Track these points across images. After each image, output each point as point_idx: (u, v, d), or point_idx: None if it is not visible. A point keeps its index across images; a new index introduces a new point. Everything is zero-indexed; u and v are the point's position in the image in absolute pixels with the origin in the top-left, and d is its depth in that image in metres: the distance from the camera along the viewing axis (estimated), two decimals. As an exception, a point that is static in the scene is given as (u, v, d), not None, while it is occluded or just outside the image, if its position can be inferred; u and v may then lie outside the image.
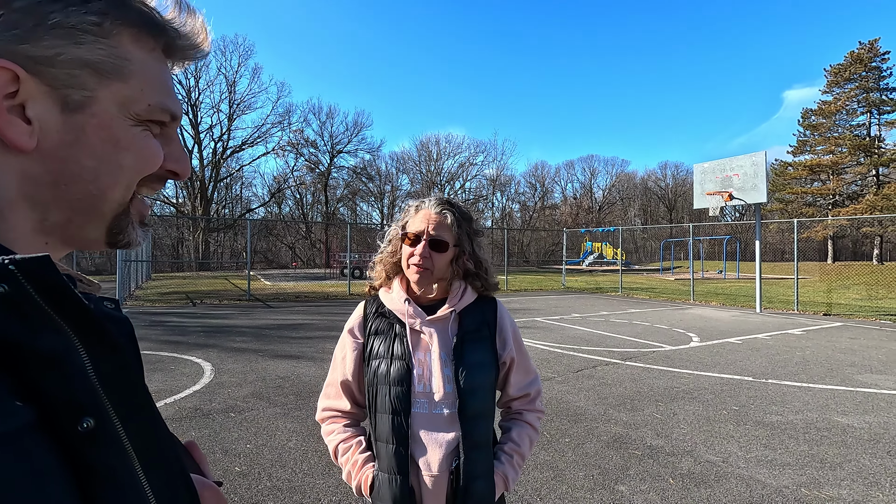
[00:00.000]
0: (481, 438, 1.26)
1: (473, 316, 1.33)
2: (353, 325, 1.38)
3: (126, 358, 0.40)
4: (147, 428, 0.41)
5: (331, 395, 1.37)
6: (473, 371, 1.26)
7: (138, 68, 0.44)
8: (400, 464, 1.21)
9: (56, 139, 0.41)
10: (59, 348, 0.35)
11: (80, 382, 0.36)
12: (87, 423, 0.36)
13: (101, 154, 0.43)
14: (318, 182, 44.89)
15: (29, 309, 0.34)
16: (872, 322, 10.73)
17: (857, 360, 6.67)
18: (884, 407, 4.68)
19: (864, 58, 40.10)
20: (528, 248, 51.57)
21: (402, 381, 1.24)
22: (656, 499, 2.93)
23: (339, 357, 1.37)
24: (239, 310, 11.86)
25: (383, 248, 1.38)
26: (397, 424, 1.22)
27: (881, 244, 38.11)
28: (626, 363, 6.43)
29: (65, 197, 0.43)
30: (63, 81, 0.41)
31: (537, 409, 1.41)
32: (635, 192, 64.00)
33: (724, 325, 9.95)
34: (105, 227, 0.46)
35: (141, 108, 0.45)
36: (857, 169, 39.77)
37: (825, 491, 3.05)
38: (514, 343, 1.37)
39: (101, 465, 0.36)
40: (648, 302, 15.03)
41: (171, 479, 0.42)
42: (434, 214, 1.30)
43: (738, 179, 12.68)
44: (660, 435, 3.94)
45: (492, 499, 1.25)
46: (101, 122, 0.43)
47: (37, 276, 0.34)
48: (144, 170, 0.46)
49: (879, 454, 3.59)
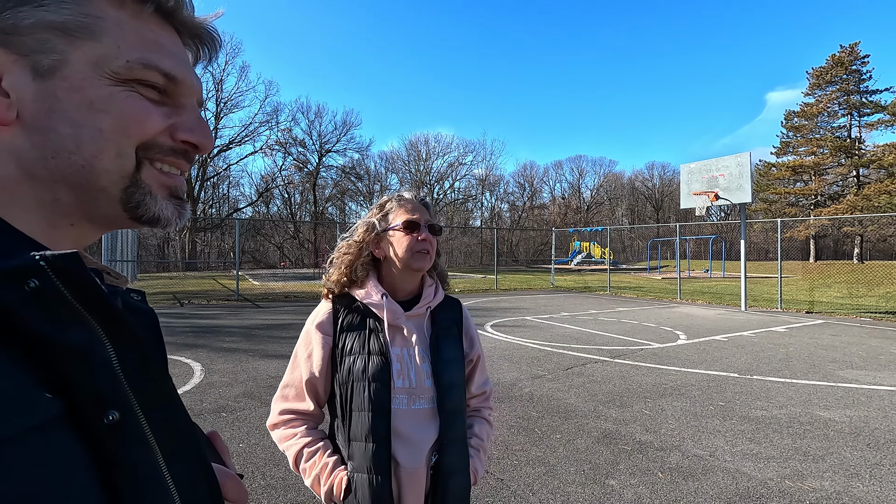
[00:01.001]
0: (458, 433, 1.27)
1: (445, 314, 1.36)
2: (321, 319, 1.32)
3: (149, 351, 0.40)
4: (170, 421, 0.41)
5: (290, 396, 1.31)
6: (450, 367, 1.28)
7: (113, 25, 0.42)
8: (380, 462, 1.18)
9: (32, 109, 0.39)
10: (85, 342, 0.36)
11: (106, 376, 0.36)
12: (113, 416, 0.36)
13: (76, 119, 0.40)
14: (307, 181, 44.57)
15: (57, 304, 0.35)
16: (853, 319, 10.98)
17: (838, 357, 6.83)
18: (864, 401, 4.80)
19: (844, 61, 40.91)
20: (518, 247, 51.78)
21: (381, 376, 1.21)
22: (646, 492, 2.99)
23: (303, 355, 1.31)
24: (227, 310, 11.76)
25: (347, 246, 1.34)
26: (376, 422, 1.19)
27: (861, 243, 38.91)
28: (614, 361, 6.51)
29: (58, 172, 0.41)
30: (32, 47, 0.39)
31: (491, 406, 1.48)
32: (623, 192, 64.56)
33: (711, 323, 10.11)
34: (118, 202, 0.44)
35: (118, 64, 0.42)
36: (839, 170, 40.56)
37: (808, 483, 3.13)
38: (478, 343, 1.45)
39: (125, 458, 0.37)
40: (636, 301, 15.20)
41: (194, 471, 0.43)
42: (419, 204, 1.34)
43: (723, 180, 12.86)
44: (648, 430, 4.01)
45: (468, 492, 1.27)
46: (72, 85, 0.40)
47: (66, 272, 0.35)
48: (132, 132, 0.43)
49: (860, 447, 3.70)
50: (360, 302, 1.30)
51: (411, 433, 1.21)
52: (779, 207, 42.27)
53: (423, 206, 1.34)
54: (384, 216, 1.33)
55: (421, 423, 1.23)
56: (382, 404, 1.20)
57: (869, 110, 40.15)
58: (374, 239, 1.32)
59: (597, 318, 10.80)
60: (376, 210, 1.35)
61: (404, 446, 1.20)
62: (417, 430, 1.22)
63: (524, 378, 5.59)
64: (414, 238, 1.28)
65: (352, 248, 1.33)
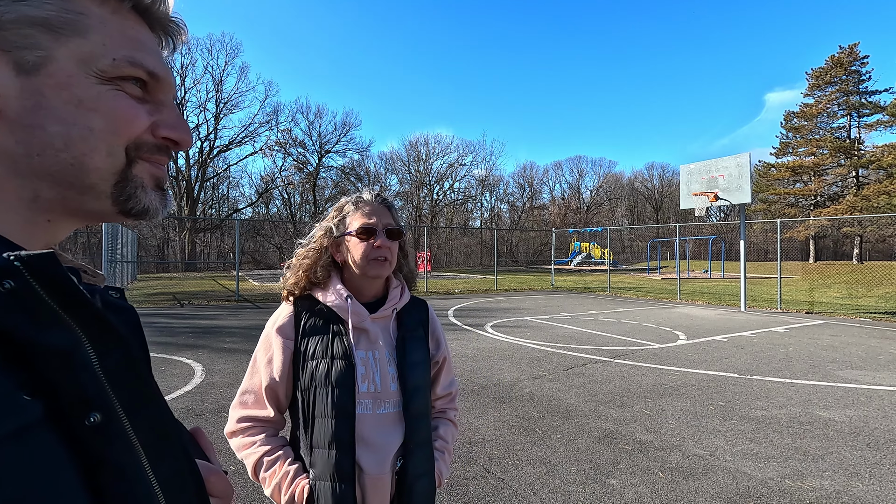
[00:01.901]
0: (423, 437, 1.25)
1: (411, 316, 1.33)
2: (281, 323, 1.26)
3: (131, 351, 0.40)
4: (153, 421, 0.41)
5: (249, 403, 1.25)
6: (416, 369, 1.25)
7: (97, 22, 0.42)
8: (343, 469, 1.14)
9: (16, 106, 0.39)
10: (65, 343, 0.35)
11: (87, 377, 0.36)
12: (95, 418, 0.36)
13: (64, 117, 0.40)
14: (307, 182, 44.60)
15: (34, 305, 0.34)
16: (852, 320, 10.99)
17: (838, 357, 6.84)
18: (863, 401, 4.82)
19: (844, 62, 40.95)
20: (517, 248, 51.82)
21: (344, 381, 1.17)
22: (646, 492, 3.00)
23: (263, 360, 1.25)
24: (227, 310, 11.78)
25: (306, 250, 1.30)
26: (340, 428, 1.15)
27: (861, 244, 38.93)
28: (615, 361, 6.52)
29: (43, 169, 0.40)
30: (14, 43, 0.38)
31: (456, 407, 1.45)
32: (622, 193, 64.59)
33: (710, 324, 10.12)
34: (107, 197, 0.43)
35: (105, 63, 0.41)
36: (838, 170, 40.58)
37: (808, 482, 3.14)
38: (445, 344, 1.42)
39: (109, 460, 0.36)
40: (636, 301, 15.21)
41: (178, 470, 0.43)
42: (378, 206, 1.29)
43: (723, 180, 12.88)
44: (649, 430, 4.02)
45: (433, 495, 1.25)
46: (59, 83, 0.40)
47: (42, 272, 0.34)
48: (122, 132, 0.43)
49: (859, 446, 3.71)
50: (323, 304, 1.26)
51: (376, 438, 1.18)
52: (778, 208, 42.29)
53: (385, 207, 1.30)
54: (342, 220, 1.28)
55: (386, 428, 1.20)
56: (346, 410, 1.16)
57: (868, 111, 40.17)
58: (333, 243, 1.28)
59: (597, 319, 10.82)
60: (334, 213, 1.31)
61: (369, 452, 1.17)
62: (382, 435, 1.19)
63: (525, 378, 5.60)
64: (370, 245, 1.24)
65: (310, 254, 1.29)
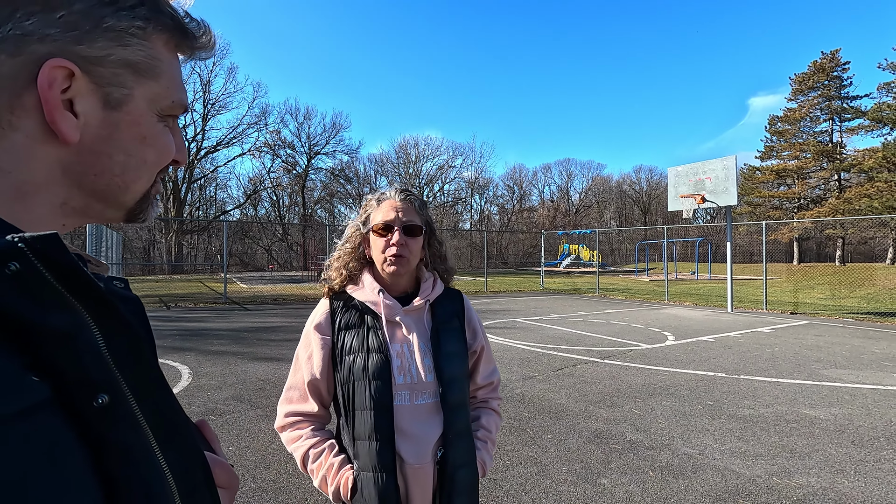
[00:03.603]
0: (463, 426, 1.26)
1: (444, 307, 1.33)
2: (318, 321, 1.31)
3: (138, 335, 0.40)
4: (161, 405, 0.41)
5: (294, 398, 1.30)
6: (452, 360, 1.26)
7: (167, 68, 0.47)
8: (384, 460, 1.17)
9: (94, 134, 0.43)
10: (71, 326, 0.35)
11: (94, 359, 0.36)
12: (102, 400, 0.36)
13: (129, 149, 0.46)
14: (296, 184, 44.30)
15: (40, 286, 0.34)
16: (836, 320, 11.19)
17: (822, 356, 6.96)
18: (848, 399, 4.90)
19: (826, 67, 41.76)
20: (507, 250, 51.96)
21: (381, 374, 1.20)
22: (637, 490, 3.02)
23: (304, 357, 1.30)
24: (215, 313, 11.63)
25: (341, 247, 1.35)
26: (379, 420, 1.18)
27: (843, 246, 39.64)
28: (604, 361, 6.56)
29: (90, 187, 0.45)
30: (108, 80, 0.43)
31: (499, 396, 1.46)
32: (611, 196, 65.12)
33: (698, 324, 10.23)
34: (125, 210, 0.49)
35: (166, 104, 0.48)
36: (821, 174, 41.32)
37: (795, 479, 3.18)
38: (482, 334, 1.41)
39: (117, 442, 0.36)
40: (624, 302, 15.33)
41: (187, 455, 0.43)
42: (399, 202, 1.30)
43: (710, 182, 13.04)
44: (639, 430, 4.04)
45: (476, 485, 1.26)
46: (133, 119, 0.45)
47: (46, 254, 0.35)
48: (162, 163, 0.49)
49: (844, 444, 3.77)
50: (356, 300, 1.29)
51: (415, 429, 1.20)
52: (763, 210, 42.92)
53: (409, 203, 1.31)
54: (366, 217, 1.32)
55: (424, 419, 1.21)
56: (384, 402, 1.19)
57: (849, 115, 40.95)
58: (364, 239, 1.33)
59: (586, 320, 10.87)
60: (362, 210, 1.36)
61: (408, 443, 1.19)
62: (421, 425, 1.21)
63: (515, 379, 5.60)
64: (386, 242, 1.27)
65: (345, 249, 1.34)
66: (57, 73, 0.40)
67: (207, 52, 0.54)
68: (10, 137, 0.40)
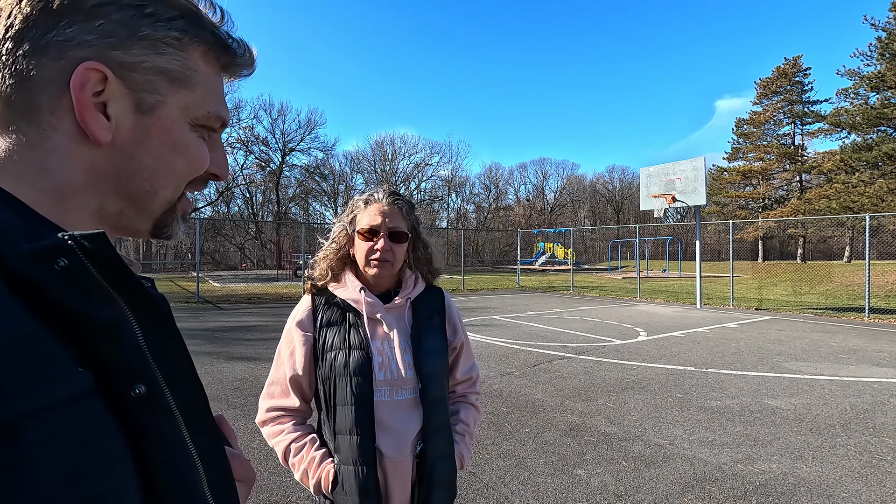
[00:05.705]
0: (442, 421, 1.29)
1: (425, 304, 1.36)
2: (300, 317, 1.32)
3: (173, 329, 0.43)
4: (192, 395, 0.44)
5: (276, 393, 1.31)
6: (431, 356, 1.29)
7: (203, 79, 0.49)
8: (365, 454, 1.19)
9: (126, 137, 0.45)
10: (113, 318, 0.38)
11: (133, 351, 0.39)
12: (140, 389, 0.38)
13: (159, 155, 0.47)
14: (269, 181, 43.46)
15: (86, 281, 0.37)
16: (797, 315, 11.70)
17: (784, 350, 7.28)
18: (806, 390, 5.16)
19: (788, 72, 43.42)
20: (484, 248, 52.28)
21: (362, 370, 1.22)
22: (611, 480, 3.13)
23: (286, 353, 1.31)
24: (188, 312, 11.37)
25: (327, 246, 1.37)
26: (360, 415, 1.21)
27: (804, 244, 41.35)
28: (579, 357, 6.72)
29: (122, 190, 0.46)
30: (141, 85, 0.45)
31: (477, 391, 1.49)
32: (585, 195, 66.21)
33: (668, 321, 10.55)
34: (153, 220, 0.50)
35: (200, 113, 0.49)
36: (784, 175, 43.01)
37: (758, 466, 3.36)
38: (462, 330, 1.45)
39: (152, 429, 0.39)
40: (598, 300, 15.66)
41: (214, 444, 0.45)
42: (387, 206, 1.31)
43: (680, 183, 13.42)
44: (612, 422, 4.18)
45: (454, 478, 1.29)
46: (164, 126, 0.47)
47: (93, 251, 0.37)
48: (193, 173, 0.50)
49: (803, 432, 3.98)
50: (338, 297, 1.31)
51: (395, 424, 1.23)
52: (730, 210, 44.38)
53: (395, 207, 1.32)
54: (353, 218, 1.34)
55: (404, 414, 1.24)
56: (365, 397, 1.21)
57: (810, 119, 42.71)
58: (349, 239, 1.35)
59: (561, 317, 11.07)
60: (348, 210, 1.37)
61: (388, 437, 1.22)
62: (401, 420, 1.24)
63: (493, 375, 5.69)
64: (370, 247, 1.28)
65: (330, 248, 1.36)
66: (90, 74, 0.42)
67: (249, 70, 0.56)
68: (53, 139, 0.42)
